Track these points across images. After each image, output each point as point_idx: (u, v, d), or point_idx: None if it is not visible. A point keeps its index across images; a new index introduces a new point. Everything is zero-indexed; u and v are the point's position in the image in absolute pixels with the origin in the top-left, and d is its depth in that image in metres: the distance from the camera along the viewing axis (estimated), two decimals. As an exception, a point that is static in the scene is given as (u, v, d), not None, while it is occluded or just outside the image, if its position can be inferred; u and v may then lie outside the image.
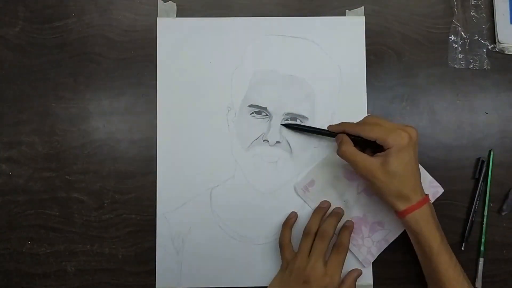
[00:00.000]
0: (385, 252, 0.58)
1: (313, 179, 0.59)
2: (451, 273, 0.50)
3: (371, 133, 0.51)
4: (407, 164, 0.50)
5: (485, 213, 0.59)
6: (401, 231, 0.57)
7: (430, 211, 0.51)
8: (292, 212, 0.58)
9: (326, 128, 0.57)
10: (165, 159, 0.59)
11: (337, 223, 0.55)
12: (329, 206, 0.58)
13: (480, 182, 0.58)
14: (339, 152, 0.53)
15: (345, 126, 0.55)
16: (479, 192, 0.58)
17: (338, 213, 0.56)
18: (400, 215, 0.51)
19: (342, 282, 0.54)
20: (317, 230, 0.55)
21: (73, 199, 0.59)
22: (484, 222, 0.58)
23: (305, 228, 0.55)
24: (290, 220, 0.57)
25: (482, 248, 0.58)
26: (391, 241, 0.57)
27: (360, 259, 0.58)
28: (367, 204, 0.57)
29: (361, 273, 0.56)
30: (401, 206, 0.51)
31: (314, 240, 0.54)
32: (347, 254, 0.54)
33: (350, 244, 0.56)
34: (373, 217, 0.57)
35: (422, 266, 0.54)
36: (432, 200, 0.57)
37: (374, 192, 0.53)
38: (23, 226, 0.59)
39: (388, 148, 0.50)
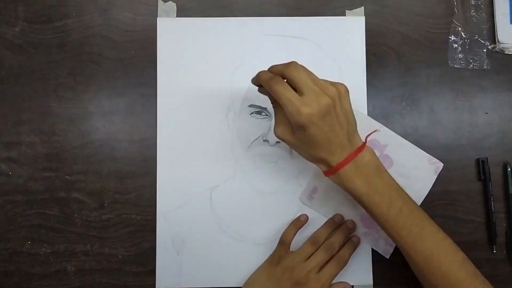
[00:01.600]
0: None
1: (315, 186, 0.59)
2: (401, 221, 0.48)
3: (278, 96, 0.45)
4: (315, 134, 0.46)
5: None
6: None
7: (355, 170, 0.48)
8: (304, 214, 0.58)
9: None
10: (165, 159, 0.59)
11: (345, 239, 0.56)
12: (342, 221, 0.58)
13: (489, 183, 0.59)
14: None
15: (260, 77, 0.48)
16: (491, 193, 0.59)
17: (348, 229, 0.57)
18: (325, 175, 0.50)
19: None
20: (323, 241, 0.55)
21: (73, 199, 0.59)
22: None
23: (313, 236, 0.56)
24: (300, 221, 0.57)
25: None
26: None
27: (380, 251, 0.58)
28: None
29: (349, 286, 0.57)
30: (323, 167, 0.49)
31: (316, 249, 0.55)
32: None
33: (366, 239, 0.57)
34: None
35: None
36: (434, 175, 0.58)
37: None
38: (23, 226, 0.59)
39: None
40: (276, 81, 0.46)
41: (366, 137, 0.52)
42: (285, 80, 0.47)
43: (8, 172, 0.59)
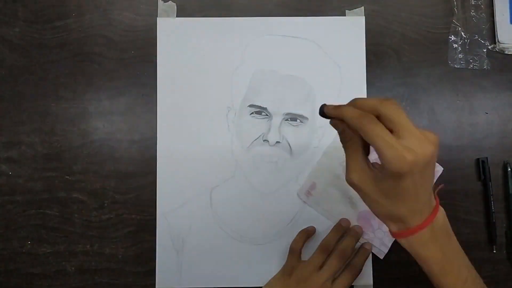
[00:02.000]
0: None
1: (314, 182, 0.59)
2: None
3: (373, 138, 0.37)
4: (408, 187, 0.38)
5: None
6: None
7: (431, 235, 0.41)
8: (312, 226, 0.58)
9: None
10: (165, 159, 0.59)
11: (356, 243, 0.56)
12: (349, 225, 0.58)
13: (489, 183, 0.59)
14: (344, 145, 0.42)
15: (344, 113, 0.40)
16: (491, 192, 0.59)
17: (357, 233, 0.57)
18: (393, 235, 0.43)
19: None
20: (333, 247, 0.55)
21: (73, 199, 0.59)
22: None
23: (322, 243, 0.56)
24: (309, 230, 0.57)
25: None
26: None
27: (375, 252, 0.58)
28: None
29: None
30: (393, 227, 0.42)
31: (327, 255, 0.55)
32: None
33: (361, 239, 0.56)
34: None
35: None
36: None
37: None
38: (23, 226, 0.59)
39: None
40: (370, 120, 0.38)
41: (436, 194, 0.43)
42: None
43: (8, 172, 0.59)
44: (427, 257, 0.43)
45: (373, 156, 0.42)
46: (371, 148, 0.40)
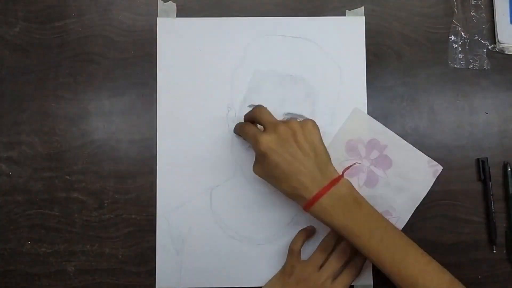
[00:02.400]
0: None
1: None
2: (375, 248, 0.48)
3: (244, 135, 0.53)
4: (278, 163, 0.49)
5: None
6: (410, 215, 0.58)
7: (331, 203, 0.49)
8: (311, 226, 0.58)
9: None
10: (165, 159, 0.59)
11: None
12: None
13: (489, 183, 0.59)
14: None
15: (236, 127, 0.57)
16: (491, 193, 0.58)
17: None
18: (304, 211, 0.51)
19: None
20: (333, 247, 0.55)
21: (73, 199, 0.59)
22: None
23: (323, 243, 0.56)
24: (308, 230, 0.57)
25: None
26: (402, 227, 0.57)
27: None
28: (371, 196, 0.56)
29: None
30: (300, 203, 0.51)
31: (327, 255, 0.55)
32: None
33: None
34: (380, 208, 0.55)
35: None
36: (433, 178, 0.57)
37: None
38: (23, 226, 0.59)
39: None
40: (244, 125, 0.54)
41: (344, 170, 0.53)
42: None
43: (8, 172, 0.59)
44: (331, 222, 0.49)
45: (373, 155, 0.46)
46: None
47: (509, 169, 0.59)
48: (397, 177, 0.54)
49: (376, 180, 0.58)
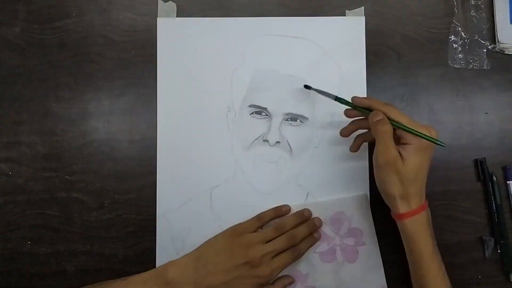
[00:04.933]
0: (385, 252, 0.58)
1: None
2: (438, 282, 0.50)
3: (401, 119, 0.49)
4: (422, 165, 0.50)
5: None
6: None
7: (427, 218, 0.51)
8: (287, 205, 0.58)
9: (349, 100, 0.53)
10: (165, 159, 0.59)
11: (309, 234, 0.56)
12: (310, 217, 0.58)
13: (489, 183, 0.59)
14: (378, 131, 0.49)
15: (373, 103, 0.51)
16: (492, 193, 0.59)
17: (314, 225, 0.57)
18: (398, 217, 0.51)
19: (272, 283, 0.55)
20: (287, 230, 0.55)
21: (73, 199, 0.59)
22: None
23: (279, 223, 0.56)
24: (281, 211, 0.57)
25: None
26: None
27: None
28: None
29: (293, 281, 0.56)
30: (402, 208, 0.50)
31: (278, 235, 0.54)
32: None
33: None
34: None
35: (410, 270, 0.53)
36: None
37: (378, 185, 0.52)
38: (23, 226, 0.59)
39: (408, 144, 0.49)
40: (383, 120, 0.50)
41: (426, 199, 0.52)
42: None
43: (8, 172, 0.59)
44: (424, 240, 0.50)
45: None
46: None
47: (494, 178, 0.58)
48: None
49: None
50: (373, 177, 0.59)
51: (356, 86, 0.60)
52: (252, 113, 0.59)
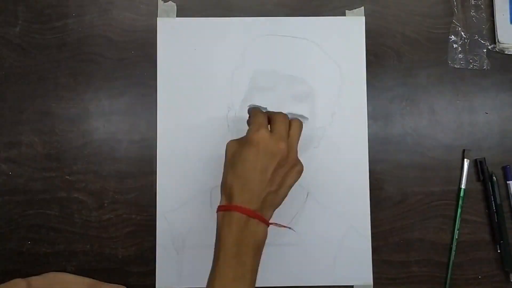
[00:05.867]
0: (385, 252, 0.58)
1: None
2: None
3: (251, 117, 0.49)
4: (245, 162, 0.45)
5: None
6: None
7: (244, 227, 0.44)
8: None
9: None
10: (165, 159, 0.59)
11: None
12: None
13: (489, 183, 0.59)
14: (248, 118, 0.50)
15: (251, 111, 0.51)
16: (492, 193, 0.58)
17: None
18: (218, 209, 0.47)
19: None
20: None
21: (73, 199, 0.59)
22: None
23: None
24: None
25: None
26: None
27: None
28: None
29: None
30: (223, 200, 0.46)
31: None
32: None
33: None
34: None
35: None
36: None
37: None
38: (23, 226, 0.59)
39: None
40: (257, 111, 0.50)
41: (276, 224, 0.49)
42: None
43: (8, 172, 0.59)
44: (222, 237, 0.45)
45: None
46: None
47: (494, 178, 0.58)
48: None
49: None
50: (373, 178, 0.59)
51: (356, 86, 0.60)
52: (252, 113, 0.59)
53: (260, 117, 0.48)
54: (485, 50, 0.61)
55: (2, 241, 0.58)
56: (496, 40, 0.61)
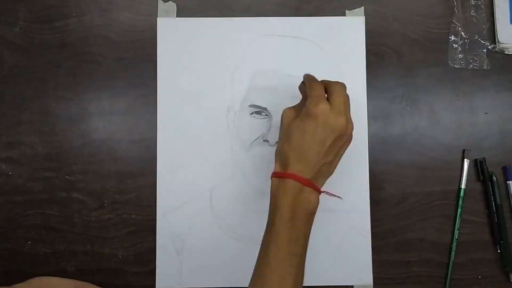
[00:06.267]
0: (385, 252, 0.58)
1: None
2: (278, 254, 0.46)
3: (309, 89, 0.48)
4: (303, 133, 0.46)
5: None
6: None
7: (298, 194, 0.46)
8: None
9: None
10: (165, 159, 0.59)
11: None
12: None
13: (489, 183, 0.59)
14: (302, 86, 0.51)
15: (305, 76, 0.51)
16: (492, 193, 0.58)
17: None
18: (274, 175, 0.48)
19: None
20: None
21: (73, 199, 0.59)
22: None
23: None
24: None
25: None
26: None
27: None
28: None
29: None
30: (278, 167, 0.48)
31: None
32: None
33: None
34: None
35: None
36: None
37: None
38: (23, 226, 0.59)
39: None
40: (317, 82, 0.49)
41: (327, 192, 0.50)
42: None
43: (8, 172, 0.59)
44: (277, 205, 0.46)
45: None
46: None
47: (494, 178, 0.58)
48: None
49: None
50: (373, 178, 0.59)
51: (356, 86, 0.60)
52: (252, 113, 0.59)
53: (319, 89, 0.48)
54: (485, 50, 0.61)
55: (2, 241, 0.58)
56: (496, 40, 0.61)
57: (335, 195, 0.51)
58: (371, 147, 0.59)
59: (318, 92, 0.48)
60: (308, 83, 0.50)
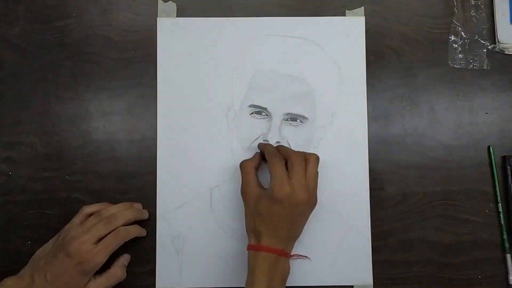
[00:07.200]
0: (385, 252, 0.58)
1: None
2: None
3: (271, 168, 0.52)
4: (276, 212, 0.51)
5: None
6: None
7: (273, 267, 0.50)
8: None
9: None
10: (165, 159, 0.59)
11: (133, 219, 0.55)
12: (141, 207, 0.58)
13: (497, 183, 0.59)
14: (241, 164, 0.55)
15: (265, 148, 0.55)
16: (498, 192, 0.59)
17: (140, 211, 0.57)
18: (248, 248, 0.52)
19: (109, 267, 0.54)
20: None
21: (73, 199, 0.59)
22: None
23: (98, 210, 0.55)
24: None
25: (506, 244, 0.58)
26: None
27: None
28: None
29: (129, 258, 0.56)
30: (252, 240, 0.52)
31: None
32: None
33: None
34: None
35: None
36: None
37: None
38: (23, 226, 0.59)
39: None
40: (277, 157, 0.53)
41: (295, 254, 0.55)
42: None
43: (8, 172, 0.59)
44: (255, 278, 0.50)
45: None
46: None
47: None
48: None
49: None
50: (373, 178, 0.59)
51: (356, 86, 0.60)
52: (252, 113, 0.59)
53: (279, 167, 0.52)
54: (485, 50, 0.61)
55: (2, 241, 0.58)
56: (496, 40, 0.61)
57: (303, 256, 0.57)
58: (371, 147, 0.59)
59: (278, 170, 0.52)
60: (268, 158, 0.53)
